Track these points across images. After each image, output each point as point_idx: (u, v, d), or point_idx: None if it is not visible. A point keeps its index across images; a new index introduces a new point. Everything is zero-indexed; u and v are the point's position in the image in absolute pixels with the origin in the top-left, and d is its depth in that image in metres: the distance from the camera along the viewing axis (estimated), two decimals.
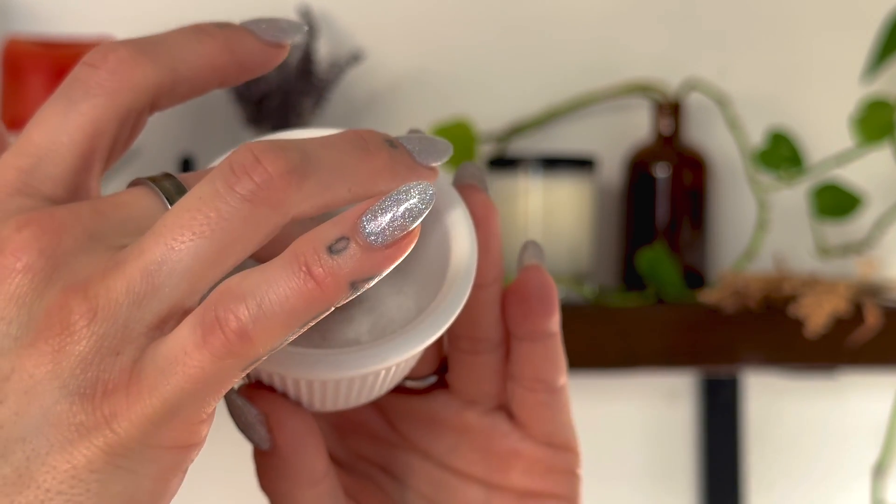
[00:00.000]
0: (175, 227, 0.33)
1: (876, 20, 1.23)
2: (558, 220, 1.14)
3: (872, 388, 1.29)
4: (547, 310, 0.43)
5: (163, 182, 0.36)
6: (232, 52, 0.39)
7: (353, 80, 1.17)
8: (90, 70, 0.37)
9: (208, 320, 0.33)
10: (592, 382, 1.25)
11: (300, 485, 0.42)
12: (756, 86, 1.28)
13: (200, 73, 0.38)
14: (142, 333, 0.33)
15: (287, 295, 0.32)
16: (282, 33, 0.40)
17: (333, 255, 0.33)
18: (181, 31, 0.38)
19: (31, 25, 1.12)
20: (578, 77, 1.24)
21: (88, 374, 0.33)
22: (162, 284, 0.33)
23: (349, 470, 0.47)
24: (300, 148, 0.34)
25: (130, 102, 0.37)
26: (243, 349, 0.33)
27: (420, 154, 0.37)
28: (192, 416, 0.34)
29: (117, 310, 0.33)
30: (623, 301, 1.12)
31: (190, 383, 0.33)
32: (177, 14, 1.16)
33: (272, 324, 0.33)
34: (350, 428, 0.47)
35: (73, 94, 0.37)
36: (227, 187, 0.33)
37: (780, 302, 1.11)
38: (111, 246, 0.34)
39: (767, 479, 1.30)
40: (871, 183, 1.26)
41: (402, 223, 0.33)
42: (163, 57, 0.37)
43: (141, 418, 0.33)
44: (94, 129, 0.36)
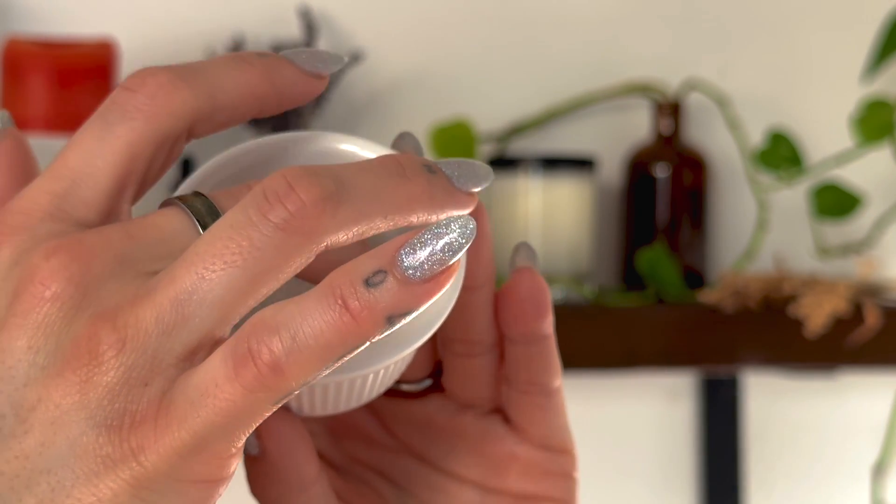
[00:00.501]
0: (206, 256, 0.33)
1: (876, 20, 1.23)
2: (558, 220, 1.14)
3: (872, 388, 1.29)
4: (540, 312, 0.43)
5: (193, 202, 0.35)
6: (271, 81, 0.38)
7: (353, 80, 1.17)
8: (128, 94, 0.36)
9: (241, 352, 0.32)
10: (592, 382, 1.25)
11: (290, 490, 0.42)
12: (756, 86, 1.28)
13: (239, 102, 0.37)
14: (171, 364, 0.33)
15: (322, 328, 0.32)
16: (322, 64, 0.39)
17: (370, 288, 0.32)
18: (221, 58, 0.38)
19: (31, 25, 1.12)
20: (578, 77, 1.24)
21: (116, 406, 0.32)
22: (192, 314, 0.33)
23: (345, 474, 0.46)
24: (335, 174, 0.34)
25: (168, 128, 0.36)
26: (276, 383, 0.32)
27: (459, 179, 0.36)
28: (221, 450, 0.33)
29: (146, 340, 0.33)
30: (623, 301, 1.12)
31: (220, 416, 0.32)
32: (176, 14, 1.16)
33: (306, 357, 0.32)
34: (345, 431, 0.46)
35: (110, 116, 0.36)
36: (260, 215, 0.33)
37: (779, 302, 1.11)
38: (142, 272, 0.34)
39: (767, 479, 1.30)
40: (870, 183, 1.26)
41: (441, 258, 0.33)
42: (202, 84, 0.37)
43: (169, 451, 0.32)
44: (130, 153, 0.36)
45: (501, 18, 1.23)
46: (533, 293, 0.43)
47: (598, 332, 1.09)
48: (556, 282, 1.12)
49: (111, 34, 1.08)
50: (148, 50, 1.14)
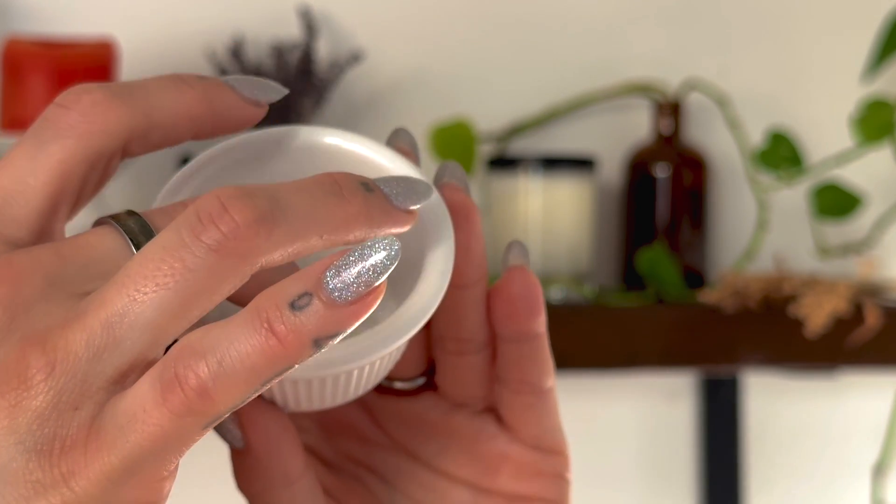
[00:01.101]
0: (138, 278, 0.32)
1: (876, 20, 1.23)
2: (558, 220, 1.14)
3: (872, 388, 1.29)
4: (532, 310, 0.43)
5: (126, 221, 0.35)
6: (209, 103, 0.38)
7: (353, 80, 1.17)
8: (62, 111, 0.36)
9: (167, 377, 0.32)
10: (592, 382, 1.25)
11: (275, 484, 0.42)
12: (756, 86, 1.28)
13: (175, 122, 0.37)
14: (101, 388, 0.32)
15: (248, 352, 0.32)
16: (261, 92, 0.39)
17: (296, 311, 0.32)
18: (160, 78, 0.37)
19: (31, 25, 1.12)
20: (578, 77, 1.24)
21: (46, 430, 0.32)
22: (123, 337, 0.32)
23: (336, 470, 0.46)
24: (270, 194, 0.33)
25: (101, 146, 0.36)
26: (203, 407, 0.32)
27: (397, 197, 0.36)
28: (152, 474, 0.33)
29: (76, 363, 0.32)
30: (623, 301, 1.12)
31: (149, 441, 0.32)
32: (176, 14, 1.16)
33: (233, 381, 0.32)
34: (338, 428, 0.46)
35: (44, 135, 0.36)
36: (193, 237, 0.32)
37: (780, 302, 1.11)
38: (73, 293, 0.34)
39: (767, 479, 1.30)
40: (870, 183, 1.26)
41: (367, 279, 0.32)
42: (138, 102, 0.36)
43: (99, 476, 0.32)
44: (62, 170, 0.35)
45: (502, 18, 1.23)
46: (525, 291, 0.43)
47: (598, 332, 1.09)
48: (556, 282, 1.12)
49: (111, 34, 1.08)
50: (148, 50, 1.14)
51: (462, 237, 0.41)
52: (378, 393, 0.45)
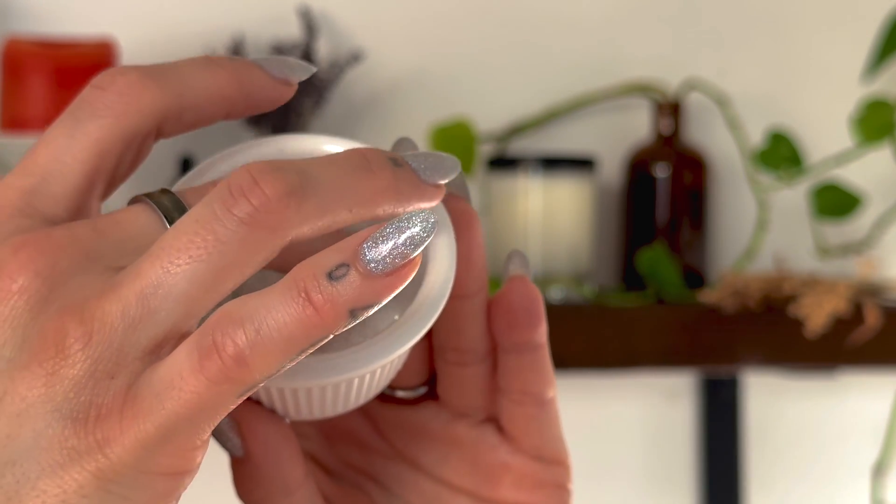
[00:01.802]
0: (171, 251, 0.33)
1: (876, 20, 1.23)
2: (558, 220, 1.14)
3: (872, 388, 1.29)
4: (533, 321, 0.43)
5: (161, 199, 0.36)
6: (240, 84, 0.38)
7: (353, 80, 1.17)
8: (98, 92, 0.37)
9: (205, 345, 0.32)
10: (592, 382, 1.25)
11: (275, 493, 0.42)
12: (756, 86, 1.28)
13: (208, 102, 0.38)
14: (137, 358, 0.33)
15: (286, 321, 0.32)
16: (290, 71, 0.40)
17: (333, 281, 0.32)
18: (192, 60, 0.38)
19: (31, 25, 1.12)
20: (578, 77, 1.24)
21: (82, 398, 0.33)
22: (158, 308, 0.33)
23: (338, 478, 0.46)
24: (299, 169, 0.34)
25: (137, 125, 0.37)
26: (240, 375, 0.32)
27: (426, 172, 0.37)
28: (186, 442, 0.33)
29: (112, 333, 0.33)
30: (623, 301, 1.12)
31: (185, 408, 0.32)
32: (176, 14, 1.16)
33: (270, 350, 0.32)
34: (339, 436, 0.46)
35: (80, 114, 0.37)
36: (225, 210, 0.33)
37: (780, 302, 1.11)
38: (109, 266, 0.34)
39: (767, 479, 1.30)
40: (870, 183, 1.26)
41: (403, 251, 0.33)
42: (171, 83, 0.37)
43: (134, 443, 0.33)
44: (99, 149, 0.36)
45: (501, 18, 1.23)
46: (526, 302, 0.43)
47: (598, 332, 1.09)
48: (556, 282, 1.12)
49: (111, 34, 1.08)
50: (148, 50, 1.14)
51: (463, 247, 0.41)
52: (380, 401, 0.45)
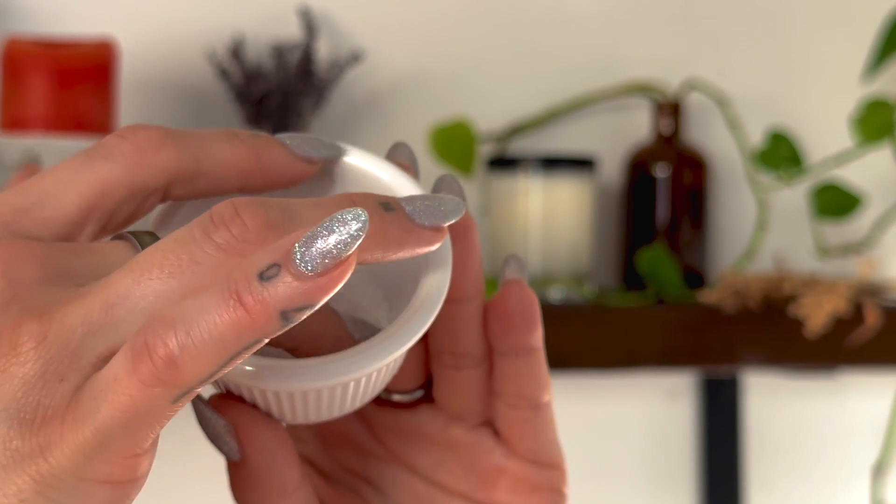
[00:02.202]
0: (145, 265, 0.33)
1: (876, 20, 1.23)
2: (558, 220, 1.14)
3: (872, 388, 1.29)
4: (528, 325, 0.43)
5: (144, 238, 0.36)
6: (259, 160, 0.39)
7: (353, 80, 1.17)
8: (117, 139, 0.37)
9: (138, 347, 0.32)
10: (592, 382, 1.25)
11: (271, 496, 0.42)
12: (756, 86, 1.28)
13: (223, 173, 0.38)
14: (90, 363, 0.33)
15: (216, 322, 0.31)
16: (313, 150, 0.40)
17: (264, 282, 0.31)
18: (214, 131, 0.39)
19: (31, 25, 1.12)
20: (578, 77, 1.24)
21: (30, 399, 0.32)
22: (121, 319, 0.33)
23: (334, 482, 0.46)
24: (282, 206, 0.34)
25: (145, 179, 0.37)
26: (171, 377, 0.32)
27: (421, 215, 0.36)
28: (124, 449, 0.33)
29: (70, 336, 0.33)
30: (623, 301, 1.12)
31: (119, 412, 0.32)
32: (176, 14, 1.16)
33: (201, 352, 0.32)
34: (335, 440, 0.46)
35: (95, 155, 0.37)
36: (204, 235, 0.33)
37: (780, 302, 1.11)
38: (79, 285, 0.34)
39: (767, 479, 1.30)
40: (870, 183, 1.26)
41: (336, 252, 0.32)
42: (191, 148, 0.38)
43: (73, 448, 0.32)
44: (101, 189, 0.37)
45: (502, 18, 1.23)
46: (522, 306, 0.43)
47: (598, 332, 1.09)
48: (556, 282, 1.12)
49: (111, 34, 1.08)
50: (148, 50, 1.14)
51: (459, 252, 0.41)
52: (376, 405, 0.45)
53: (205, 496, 1.15)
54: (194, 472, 1.15)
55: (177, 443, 1.18)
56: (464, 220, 0.41)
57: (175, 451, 1.16)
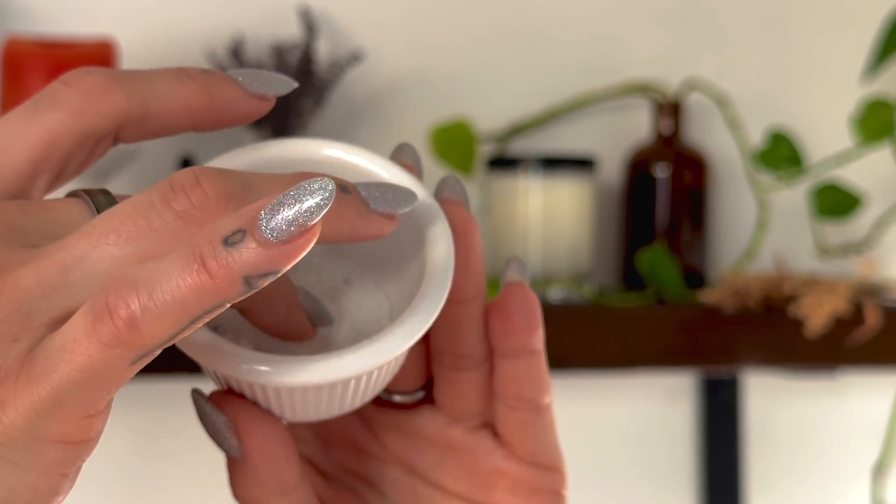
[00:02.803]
0: (102, 229, 0.33)
1: (876, 20, 1.23)
2: (558, 220, 1.14)
3: (872, 388, 1.29)
4: (529, 326, 0.43)
5: (97, 196, 0.36)
6: (210, 97, 0.38)
7: (353, 80, 1.17)
8: (62, 87, 0.37)
9: (99, 307, 0.32)
10: (592, 382, 1.25)
11: (270, 493, 0.42)
12: (756, 86, 1.28)
13: (173, 113, 0.38)
14: (43, 324, 0.33)
15: (179, 285, 0.32)
16: (267, 86, 0.40)
17: (229, 247, 0.32)
18: (163, 70, 0.38)
19: (31, 25, 1.12)
20: (578, 77, 1.24)
21: None
22: (76, 282, 0.33)
23: (333, 481, 0.46)
24: (243, 178, 0.34)
25: (93, 125, 0.37)
26: (131, 339, 0.32)
27: (375, 202, 0.37)
28: (79, 410, 0.33)
29: (23, 298, 0.33)
30: (623, 301, 1.12)
31: (77, 371, 0.32)
32: (176, 14, 1.16)
33: (162, 314, 0.32)
34: (336, 440, 0.46)
35: (40, 105, 0.37)
36: (163, 202, 0.33)
37: (780, 302, 1.11)
38: (31, 244, 0.34)
39: (767, 479, 1.30)
40: (870, 183, 1.26)
41: (301, 220, 0.32)
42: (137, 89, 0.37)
43: (27, 407, 0.32)
44: (49, 139, 0.36)
45: (501, 18, 1.23)
46: (523, 307, 0.43)
47: (598, 332, 1.09)
48: (556, 282, 1.12)
49: (111, 34, 1.08)
50: (148, 50, 1.14)
51: (461, 252, 0.41)
52: (376, 405, 0.45)
53: (205, 496, 1.15)
54: (194, 472, 1.15)
55: (178, 443, 1.18)
56: (466, 221, 0.41)
57: (176, 450, 1.16)
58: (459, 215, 0.42)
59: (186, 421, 1.14)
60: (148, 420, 1.13)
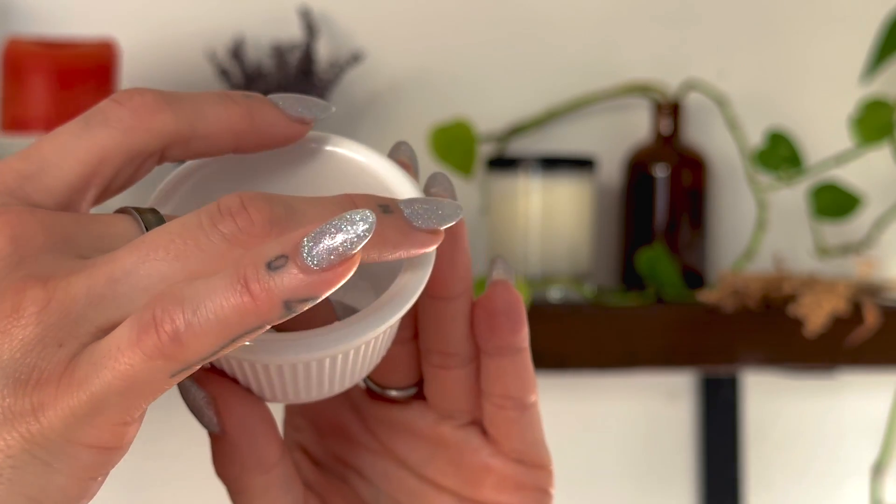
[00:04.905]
0: (151, 245, 0.34)
1: (875, 20, 1.23)
2: (558, 220, 1.14)
3: (871, 388, 1.29)
4: (514, 325, 0.43)
5: (146, 214, 0.37)
6: (252, 120, 0.40)
7: (353, 80, 1.18)
8: (114, 105, 0.38)
9: (145, 320, 0.33)
10: (592, 382, 1.25)
11: (250, 470, 0.43)
12: (755, 86, 1.28)
13: (218, 134, 0.39)
14: (89, 332, 0.34)
15: (222, 305, 0.33)
16: (306, 110, 0.41)
17: (272, 272, 0.33)
18: (209, 93, 0.40)
19: (32, 26, 1.12)
20: (578, 77, 1.24)
21: (27, 360, 0.33)
22: (123, 294, 0.34)
23: (325, 470, 0.47)
24: (287, 203, 0.35)
25: (143, 144, 0.38)
26: (174, 352, 0.33)
27: (419, 219, 0.37)
28: (116, 416, 0.34)
29: (72, 305, 0.34)
30: (623, 301, 1.12)
31: (118, 380, 0.33)
32: (177, 14, 1.16)
33: (205, 331, 0.33)
34: (330, 429, 0.47)
35: (92, 121, 0.38)
36: (211, 224, 0.35)
37: (779, 302, 1.12)
38: (81, 255, 0.35)
39: (766, 478, 1.30)
40: (869, 183, 1.26)
41: (343, 249, 0.33)
42: (185, 111, 0.39)
43: (66, 411, 0.33)
44: (101, 155, 0.37)
45: (501, 19, 1.23)
46: (507, 306, 0.43)
47: (598, 332, 1.09)
48: (556, 282, 1.13)
49: (111, 34, 1.08)
50: (148, 50, 1.14)
51: (447, 249, 0.42)
52: (371, 399, 0.46)
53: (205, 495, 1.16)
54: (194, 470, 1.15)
55: (177, 444, 1.18)
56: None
57: (176, 449, 1.16)
58: None
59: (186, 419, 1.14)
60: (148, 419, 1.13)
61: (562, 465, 0.47)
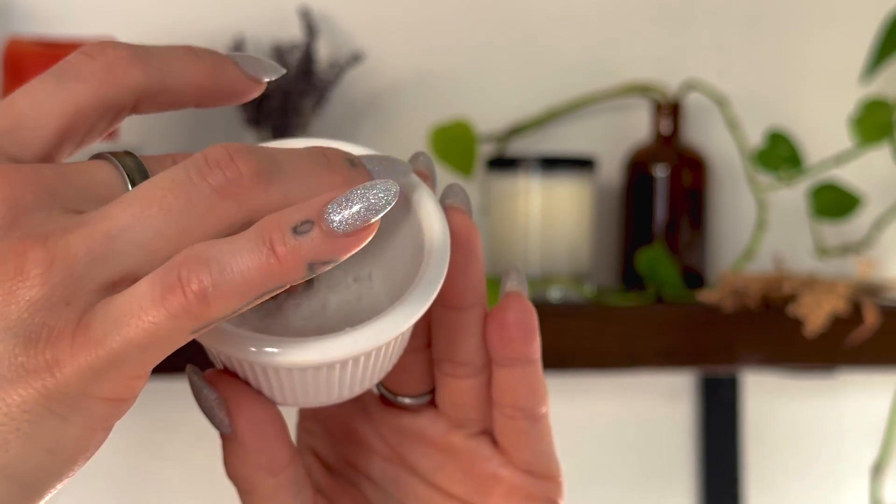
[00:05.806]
0: (145, 200, 0.35)
1: (875, 20, 1.23)
2: (558, 220, 1.14)
3: (871, 388, 1.29)
4: (526, 337, 0.43)
5: (125, 159, 0.38)
6: (215, 76, 0.41)
7: (353, 80, 1.18)
8: (86, 58, 0.39)
9: (170, 280, 0.34)
10: (592, 382, 1.25)
11: (260, 471, 0.43)
12: (755, 86, 1.28)
13: (184, 89, 0.40)
14: (93, 290, 0.35)
15: (248, 266, 0.35)
16: (262, 70, 0.42)
17: (297, 235, 0.35)
18: (176, 47, 0.41)
19: (32, 26, 1.12)
20: (578, 77, 1.24)
21: (36, 320, 0.34)
22: (121, 250, 0.35)
23: (336, 474, 0.48)
24: (270, 155, 0.37)
25: (116, 97, 0.39)
26: (200, 311, 0.34)
27: (379, 174, 0.40)
28: (133, 371, 0.35)
29: (74, 264, 0.35)
30: (623, 301, 1.12)
31: (141, 337, 0.34)
32: (177, 15, 1.16)
33: (231, 291, 0.35)
34: (342, 434, 0.48)
35: (65, 75, 0.38)
36: (200, 177, 0.36)
37: (779, 302, 1.12)
38: (69, 209, 0.36)
39: (766, 478, 1.31)
40: (869, 183, 1.26)
41: (364, 215, 0.35)
42: (155, 64, 0.39)
43: (83, 366, 0.34)
44: (76, 109, 0.38)
45: (501, 19, 1.23)
46: (520, 318, 0.43)
47: (598, 332, 1.09)
48: (556, 282, 1.13)
49: (111, 34, 1.08)
50: None
51: (461, 260, 0.42)
52: (384, 406, 0.46)
53: (205, 494, 1.16)
54: (194, 470, 1.15)
55: (178, 441, 1.18)
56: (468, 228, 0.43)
57: (176, 449, 1.17)
58: (462, 222, 0.43)
59: (187, 419, 1.14)
60: (148, 419, 1.13)
61: (561, 464, 0.47)
